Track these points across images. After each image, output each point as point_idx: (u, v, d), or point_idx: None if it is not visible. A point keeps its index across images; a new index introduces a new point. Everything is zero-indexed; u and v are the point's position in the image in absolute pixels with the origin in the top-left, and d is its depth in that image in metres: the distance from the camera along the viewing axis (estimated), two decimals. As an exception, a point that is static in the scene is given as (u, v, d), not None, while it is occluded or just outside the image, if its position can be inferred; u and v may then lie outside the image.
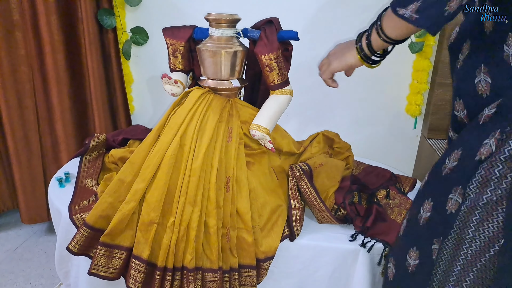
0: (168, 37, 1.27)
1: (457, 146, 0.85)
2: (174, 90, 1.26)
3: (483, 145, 0.77)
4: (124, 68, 1.96)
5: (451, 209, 0.83)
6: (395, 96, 1.94)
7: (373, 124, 2.02)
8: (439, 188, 0.86)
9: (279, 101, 1.22)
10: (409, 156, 2.07)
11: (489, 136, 0.77)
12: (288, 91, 1.23)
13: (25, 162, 1.94)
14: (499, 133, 0.75)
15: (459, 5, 0.75)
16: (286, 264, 1.17)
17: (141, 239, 1.10)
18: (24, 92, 1.86)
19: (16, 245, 2.03)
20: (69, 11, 1.79)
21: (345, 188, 1.29)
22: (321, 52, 1.89)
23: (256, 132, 1.19)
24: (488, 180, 0.76)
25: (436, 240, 0.87)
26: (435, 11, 0.77)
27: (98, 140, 1.45)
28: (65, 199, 1.25)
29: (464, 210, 0.80)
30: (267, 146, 1.22)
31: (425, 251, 0.89)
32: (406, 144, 2.05)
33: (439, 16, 0.78)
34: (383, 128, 2.03)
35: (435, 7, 0.77)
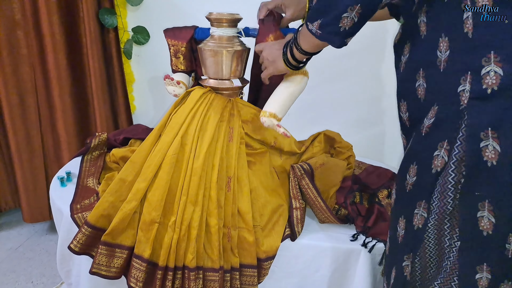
0: (170, 38, 1.27)
1: (412, 160, 0.86)
2: (176, 91, 1.26)
3: (435, 157, 0.78)
4: (125, 68, 1.97)
5: (418, 224, 0.84)
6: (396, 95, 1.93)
7: (375, 124, 2.02)
8: (407, 205, 0.87)
9: (290, 82, 1.16)
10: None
11: (438, 148, 0.78)
12: (300, 71, 1.15)
13: (27, 161, 1.95)
14: (447, 143, 0.76)
15: (354, 22, 0.80)
16: (287, 263, 1.17)
17: (143, 238, 1.10)
18: (26, 91, 1.86)
19: (18, 244, 2.04)
20: (70, 10, 1.80)
21: (347, 188, 1.29)
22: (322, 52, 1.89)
23: (262, 118, 1.13)
24: (446, 190, 0.77)
25: (406, 257, 0.88)
26: (332, 28, 0.83)
27: (100, 140, 1.45)
28: (66, 198, 1.26)
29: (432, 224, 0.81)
30: (279, 131, 1.14)
31: (399, 268, 0.90)
32: (408, 144, 2.04)
33: (337, 33, 0.84)
34: (384, 128, 2.02)
35: (332, 24, 0.82)
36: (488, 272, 0.77)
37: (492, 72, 0.69)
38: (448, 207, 0.78)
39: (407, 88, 0.87)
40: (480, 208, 0.74)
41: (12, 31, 1.78)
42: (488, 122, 0.70)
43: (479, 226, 0.75)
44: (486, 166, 0.72)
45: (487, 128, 0.70)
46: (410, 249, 0.86)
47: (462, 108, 0.73)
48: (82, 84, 1.93)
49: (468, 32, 0.72)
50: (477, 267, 0.78)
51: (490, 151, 0.71)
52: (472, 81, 0.71)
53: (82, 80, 1.92)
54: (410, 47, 0.86)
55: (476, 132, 0.71)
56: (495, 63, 0.69)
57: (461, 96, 0.73)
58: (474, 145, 0.72)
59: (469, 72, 0.72)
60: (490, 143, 0.71)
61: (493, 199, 0.73)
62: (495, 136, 0.70)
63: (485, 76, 0.70)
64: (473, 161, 0.73)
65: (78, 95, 1.93)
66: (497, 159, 0.71)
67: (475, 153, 0.72)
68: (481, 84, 0.70)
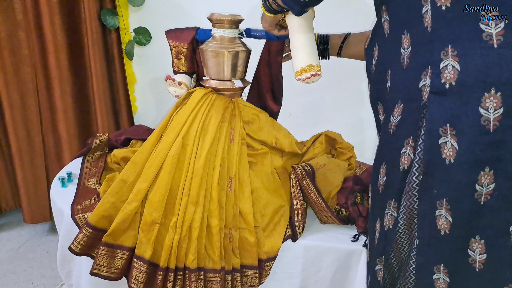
0: (171, 39, 1.27)
1: (381, 160, 0.85)
2: (178, 92, 1.26)
3: (402, 154, 0.77)
4: (127, 68, 1.97)
5: (388, 224, 0.82)
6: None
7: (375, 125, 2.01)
8: (381, 206, 0.85)
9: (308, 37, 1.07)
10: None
11: (404, 145, 0.76)
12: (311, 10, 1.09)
13: (28, 161, 1.95)
14: (412, 140, 0.75)
15: None
16: (288, 264, 1.16)
17: (144, 239, 1.10)
18: (27, 91, 1.87)
19: (18, 245, 2.04)
20: (72, 11, 1.80)
21: (348, 188, 1.29)
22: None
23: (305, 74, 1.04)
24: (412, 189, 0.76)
25: (378, 260, 0.86)
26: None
27: (101, 140, 1.45)
28: (67, 199, 1.25)
29: (402, 224, 0.79)
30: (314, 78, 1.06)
31: (372, 273, 0.89)
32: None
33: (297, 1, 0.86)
34: (385, 129, 2.02)
35: None
36: (445, 274, 0.75)
37: (450, 66, 0.68)
38: (415, 206, 0.76)
39: (380, 90, 0.86)
40: (438, 207, 0.73)
41: (13, 31, 1.78)
42: (446, 118, 0.69)
43: (437, 225, 0.74)
44: (444, 163, 0.70)
45: (445, 124, 0.69)
46: (382, 252, 0.85)
47: (423, 103, 0.72)
48: (84, 85, 1.93)
49: (428, 27, 0.70)
50: (434, 267, 0.76)
51: (448, 148, 0.69)
52: (432, 75, 0.70)
53: (84, 81, 1.92)
54: (378, 49, 0.86)
55: (435, 128, 0.70)
56: (453, 57, 0.67)
57: (423, 91, 0.72)
58: (433, 141, 0.71)
59: (429, 66, 0.71)
60: (449, 140, 0.69)
61: (450, 198, 0.71)
62: (453, 133, 0.69)
63: (444, 70, 0.68)
64: (431, 157, 0.71)
65: (80, 95, 1.93)
66: (455, 157, 0.69)
67: (433, 149, 0.71)
68: (440, 79, 0.69)
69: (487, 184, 0.69)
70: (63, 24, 1.78)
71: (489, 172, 0.68)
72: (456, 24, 0.67)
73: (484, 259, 0.73)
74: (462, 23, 0.67)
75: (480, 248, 0.73)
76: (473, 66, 0.66)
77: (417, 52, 0.73)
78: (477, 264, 0.74)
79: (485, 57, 0.65)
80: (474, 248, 0.73)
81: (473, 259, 0.74)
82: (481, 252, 0.73)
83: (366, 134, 2.02)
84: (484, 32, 0.65)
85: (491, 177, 0.68)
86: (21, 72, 1.84)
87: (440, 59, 0.69)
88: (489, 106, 0.65)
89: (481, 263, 0.74)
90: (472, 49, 0.66)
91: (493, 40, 0.64)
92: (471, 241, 0.73)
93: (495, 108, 0.65)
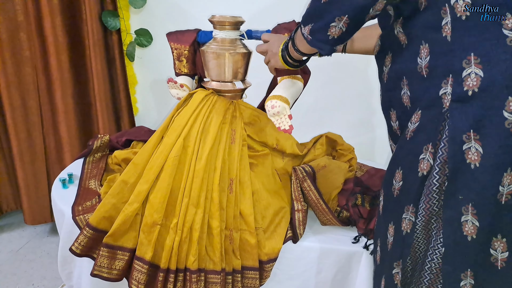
0: (173, 41, 1.27)
1: (397, 165, 0.85)
2: (180, 94, 1.27)
3: (420, 160, 0.78)
4: (128, 70, 1.97)
5: (406, 229, 0.83)
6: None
7: (376, 126, 2.02)
8: (396, 210, 0.86)
9: (294, 83, 1.15)
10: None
11: (423, 151, 0.77)
12: (299, 77, 1.17)
13: (29, 163, 1.95)
14: (431, 147, 0.75)
15: (342, 31, 0.79)
16: (289, 266, 1.16)
17: (144, 240, 1.10)
18: (28, 93, 1.87)
19: (19, 246, 2.04)
20: (73, 12, 1.80)
21: (348, 190, 1.29)
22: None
23: (277, 102, 1.06)
24: (432, 192, 0.76)
25: (396, 264, 0.86)
26: (321, 35, 0.82)
27: (102, 142, 1.46)
28: (68, 200, 1.26)
29: (419, 226, 0.80)
30: (283, 126, 1.08)
31: (389, 277, 0.88)
32: (410, 146, 2.04)
33: (326, 41, 0.83)
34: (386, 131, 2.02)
35: (321, 31, 0.82)
36: (471, 277, 0.76)
37: (473, 74, 0.68)
38: (434, 208, 0.77)
39: (393, 96, 0.87)
40: (464, 212, 0.73)
41: (14, 32, 1.78)
42: (469, 124, 0.70)
43: (463, 231, 0.74)
44: (470, 168, 0.71)
45: (469, 130, 0.70)
46: (399, 255, 0.85)
47: (444, 111, 0.73)
48: (85, 86, 1.93)
49: (447, 36, 0.71)
50: (462, 274, 0.77)
51: (473, 153, 0.70)
52: (453, 84, 0.71)
53: (85, 82, 1.93)
54: (392, 58, 0.86)
55: (458, 135, 0.71)
56: (476, 65, 0.68)
57: (443, 99, 0.73)
58: (456, 148, 0.71)
59: (450, 75, 0.71)
60: (473, 145, 0.70)
61: (476, 203, 0.72)
62: (477, 138, 0.69)
63: (466, 78, 0.69)
64: (456, 164, 0.72)
65: (81, 97, 1.94)
66: (480, 161, 0.70)
67: (458, 155, 0.71)
68: (462, 86, 0.70)
69: (508, 184, 0.70)
70: (64, 26, 1.78)
71: (511, 173, 0.69)
72: (478, 32, 0.68)
73: (506, 257, 0.74)
74: (484, 30, 0.68)
75: (502, 247, 0.74)
76: (497, 71, 0.67)
77: (437, 61, 0.74)
78: (499, 263, 0.74)
79: (510, 62, 0.66)
80: (496, 247, 0.74)
81: (495, 257, 0.74)
82: (503, 251, 0.74)
83: (366, 136, 2.02)
84: (508, 38, 0.66)
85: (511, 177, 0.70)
86: (22, 73, 1.84)
87: (462, 68, 0.70)
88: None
89: (503, 261, 0.74)
90: (496, 55, 0.67)
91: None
92: (493, 240, 0.74)
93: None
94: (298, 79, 1.18)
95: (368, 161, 1.65)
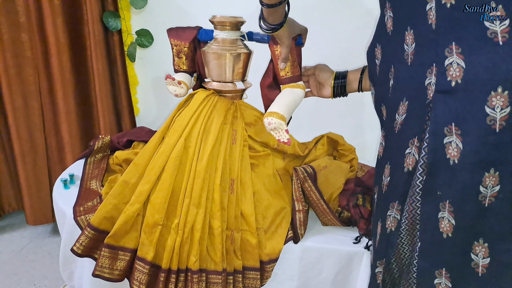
0: (173, 38, 1.27)
1: (385, 159, 0.83)
2: (177, 91, 1.26)
3: (406, 155, 0.75)
4: (129, 70, 1.97)
5: (391, 227, 0.80)
6: (400, 98, 1.94)
7: (378, 127, 2.01)
8: (383, 207, 0.83)
9: (293, 93, 1.17)
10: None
11: (409, 145, 0.75)
12: (301, 85, 1.19)
13: (30, 163, 1.95)
14: (417, 140, 0.73)
15: None
16: (290, 266, 1.16)
17: (146, 241, 1.10)
18: (30, 93, 1.87)
19: (21, 246, 2.04)
20: (74, 13, 1.81)
21: (349, 190, 1.29)
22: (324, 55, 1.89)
23: (273, 119, 1.09)
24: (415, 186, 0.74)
25: (379, 263, 0.84)
26: None
27: (103, 142, 1.46)
28: (69, 201, 1.26)
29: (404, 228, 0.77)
30: (282, 139, 1.11)
31: (373, 275, 0.87)
32: (411, 146, 2.04)
33: None
34: (387, 131, 2.02)
35: None
36: (447, 279, 0.74)
37: (454, 64, 0.66)
38: (418, 210, 0.74)
39: (383, 91, 0.85)
40: (441, 209, 0.71)
41: (16, 33, 1.79)
42: (451, 117, 0.67)
43: (439, 228, 0.72)
44: (448, 164, 0.68)
45: (450, 123, 0.67)
46: (383, 255, 0.83)
47: (428, 102, 0.70)
48: (86, 87, 1.94)
49: (432, 24, 0.69)
50: (436, 271, 0.74)
51: (453, 149, 0.68)
52: (437, 73, 0.69)
53: (86, 83, 1.93)
54: (381, 48, 0.84)
55: (440, 127, 0.68)
56: (457, 55, 0.66)
57: (428, 89, 0.70)
58: (437, 141, 0.69)
59: (434, 64, 0.69)
60: (454, 140, 0.67)
61: (454, 200, 0.70)
62: (459, 133, 0.67)
63: (449, 67, 0.67)
64: (435, 158, 0.69)
65: (82, 97, 1.94)
66: (459, 157, 0.67)
67: (438, 149, 0.69)
68: (446, 76, 0.67)
69: (492, 186, 0.67)
70: (65, 27, 1.79)
71: (494, 174, 0.67)
72: (461, 22, 0.66)
73: (488, 263, 0.71)
74: (466, 21, 0.65)
75: (484, 252, 0.71)
76: (478, 64, 0.64)
77: (422, 49, 0.72)
78: (480, 269, 0.72)
79: (491, 55, 0.63)
80: (477, 252, 0.71)
81: (476, 263, 0.72)
82: (484, 256, 0.71)
83: (368, 136, 2.02)
84: (488, 30, 0.63)
85: (496, 179, 0.67)
86: (24, 74, 1.84)
87: (445, 57, 0.67)
88: (495, 105, 0.64)
89: (484, 267, 0.72)
90: (477, 47, 0.64)
91: (498, 37, 0.63)
92: (474, 244, 0.71)
93: (502, 107, 0.63)
94: (299, 87, 1.19)
95: (369, 161, 1.65)
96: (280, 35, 1.06)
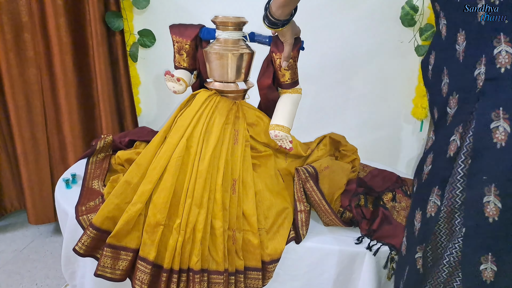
0: (175, 34, 1.27)
1: (430, 151, 0.85)
2: (176, 88, 1.26)
3: (451, 142, 0.77)
4: (131, 70, 1.98)
5: (431, 212, 0.81)
6: (401, 99, 1.93)
7: (379, 127, 2.01)
8: (423, 195, 0.84)
9: (293, 99, 1.25)
10: (415, 159, 2.07)
11: (454, 132, 0.76)
12: (299, 89, 1.26)
13: (33, 163, 1.96)
14: (462, 127, 0.75)
15: None
16: (291, 266, 1.16)
17: (148, 240, 1.10)
18: (32, 93, 1.88)
19: (23, 245, 2.04)
20: (77, 13, 1.81)
21: (351, 191, 1.29)
22: (325, 55, 1.89)
23: (280, 132, 1.19)
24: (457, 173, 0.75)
25: (419, 248, 0.85)
26: None
27: (105, 142, 1.46)
28: (71, 200, 1.26)
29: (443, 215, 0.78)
30: (286, 146, 1.23)
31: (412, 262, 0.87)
32: (412, 147, 2.04)
33: None
34: (389, 131, 2.02)
35: None
36: (493, 263, 0.74)
37: (503, 51, 0.69)
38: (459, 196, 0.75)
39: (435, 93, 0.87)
40: (486, 193, 0.71)
41: (19, 33, 1.79)
42: (499, 102, 0.69)
43: (485, 213, 0.72)
44: (495, 147, 0.69)
45: (498, 108, 0.69)
46: (422, 239, 0.84)
47: (478, 91, 0.72)
48: (88, 87, 1.94)
49: (482, 21, 0.72)
50: (482, 257, 0.74)
51: (500, 133, 0.69)
52: (486, 63, 0.71)
53: (88, 83, 1.93)
54: (435, 55, 0.86)
55: (487, 112, 0.70)
56: (505, 43, 0.69)
57: (477, 79, 0.73)
58: (484, 126, 0.70)
59: (483, 55, 0.72)
60: (501, 124, 0.69)
61: (499, 183, 0.70)
62: (506, 117, 0.68)
63: (498, 55, 0.70)
64: (482, 142, 0.71)
65: (84, 97, 1.94)
66: (506, 140, 0.68)
67: (484, 133, 0.70)
68: (495, 64, 0.70)
69: None
70: (68, 26, 1.79)
71: None
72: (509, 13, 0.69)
73: None
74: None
75: None
76: None
77: (472, 45, 0.75)
78: None
79: None
80: None
81: None
82: None
83: (370, 136, 2.02)
84: None
85: None
86: (27, 74, 1.85)
87: (493, 47, 0.70)
88: None
89: None
90: None
91: None
92: None
93: None
94: (298, 91, 1.26)
95: (371, 161, 1.65)
96: (284, 32, 1.11)
